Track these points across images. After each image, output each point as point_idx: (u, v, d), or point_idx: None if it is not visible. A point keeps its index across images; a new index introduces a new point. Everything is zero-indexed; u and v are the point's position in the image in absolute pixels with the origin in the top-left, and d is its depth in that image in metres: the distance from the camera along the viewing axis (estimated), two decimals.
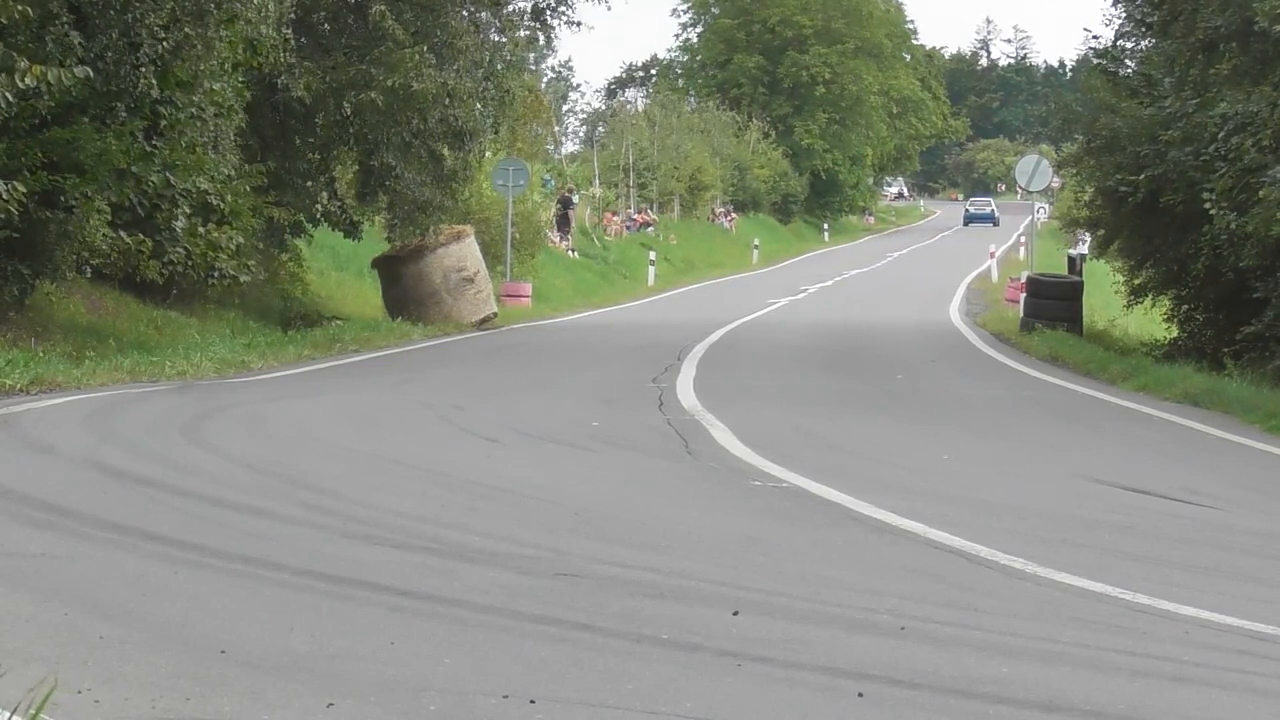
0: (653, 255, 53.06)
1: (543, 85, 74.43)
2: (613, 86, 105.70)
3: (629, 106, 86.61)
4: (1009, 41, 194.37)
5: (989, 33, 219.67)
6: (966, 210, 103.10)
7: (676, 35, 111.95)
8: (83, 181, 18.33)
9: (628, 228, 60.52)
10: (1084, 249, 32.93)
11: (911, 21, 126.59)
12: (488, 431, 13.02)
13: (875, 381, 19.52)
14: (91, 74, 17.53)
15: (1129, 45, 27.09)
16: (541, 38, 33.25)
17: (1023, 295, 30.38)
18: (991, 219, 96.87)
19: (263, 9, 21.85)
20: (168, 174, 20.57)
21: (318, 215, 28.11)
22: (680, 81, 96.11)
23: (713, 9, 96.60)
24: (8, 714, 4.56)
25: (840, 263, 64.72)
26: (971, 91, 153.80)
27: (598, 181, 64.91)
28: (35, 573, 6.97)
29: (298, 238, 28.64)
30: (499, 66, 29.67)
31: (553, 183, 54.69)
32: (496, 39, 30.33)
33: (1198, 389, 18.07)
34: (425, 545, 7.78)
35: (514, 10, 30.93)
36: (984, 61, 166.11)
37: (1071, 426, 15.71)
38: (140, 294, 23.21)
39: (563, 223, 50.27)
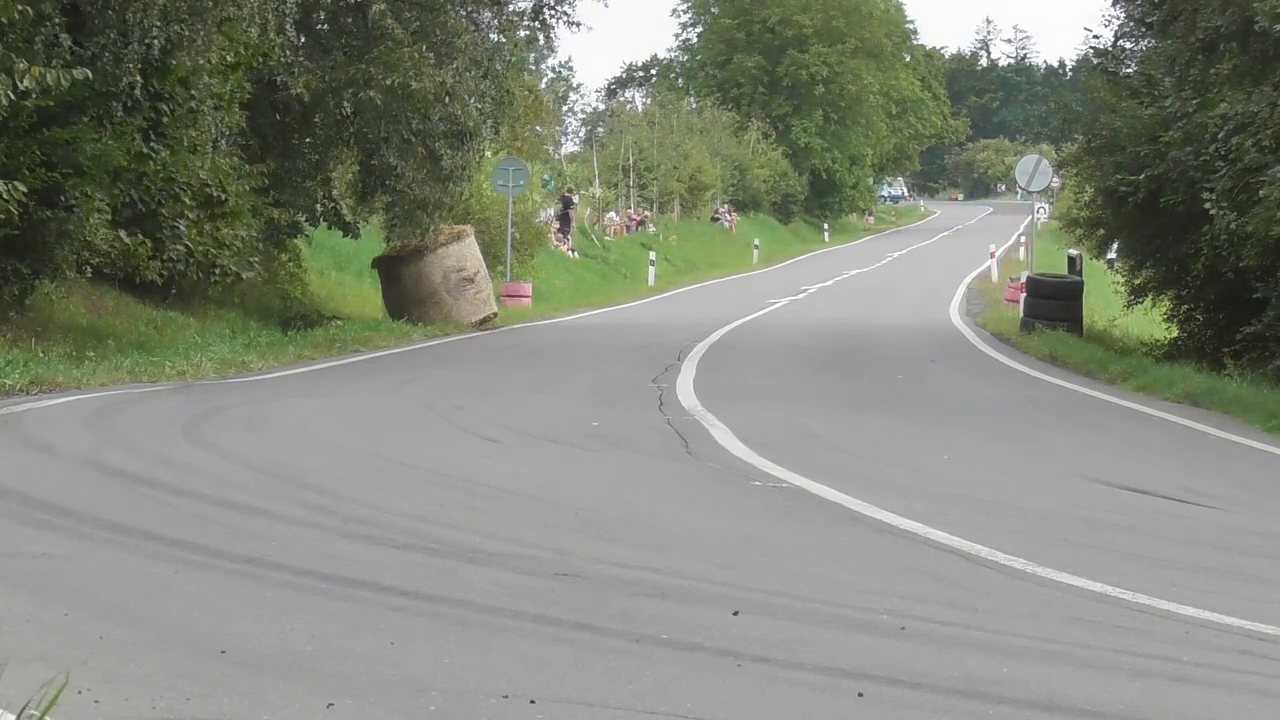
0: (653, 255, 53.05)
1: (543, 85, 74.43)
2: (613, 86, 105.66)
3: (629, 106, 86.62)
4: (1009, 41, 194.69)
5: (989, 33, 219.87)
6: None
7: (676, 35, 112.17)
8: (82, 181, 18.32)
9: (628, 227, 60.50)
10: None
11: (911, 21, 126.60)
12: (488, 431, 13.02)
13: (875, 381, 19.51)
14: (90, 75, 17.53)
15: (1129, 45, 27.08)
16: (541, 37, 33.21)
17: (1023, 295, 30.37)
18: None
19: (259, 10, 21.82)
20: (170, 172, 20.55)
21: (317, 214, 28.13)
22: (680, 81, 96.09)
23: (712, 9, 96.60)
24: (13, 716, 4.56)
25: (840, 263, 64.71)
26: (971, 91, 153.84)
27: (598, 181, 64.89)
28: (35, 573, 6.96)
29: (296, 238, 28.64)
30: (498, 66, 29.66)
31: (553, 183, 54.68)
32: (496, 38, 30.31)
33: (1198, 389, 18.05)
34: (425, 545, 7.78)
35: (514, 10, 30.93)
36: (984, 61, 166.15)
37: (1071, 426, 15.70)
38: (140, 294, 23.20)
39: (563, 223, 50.28)
